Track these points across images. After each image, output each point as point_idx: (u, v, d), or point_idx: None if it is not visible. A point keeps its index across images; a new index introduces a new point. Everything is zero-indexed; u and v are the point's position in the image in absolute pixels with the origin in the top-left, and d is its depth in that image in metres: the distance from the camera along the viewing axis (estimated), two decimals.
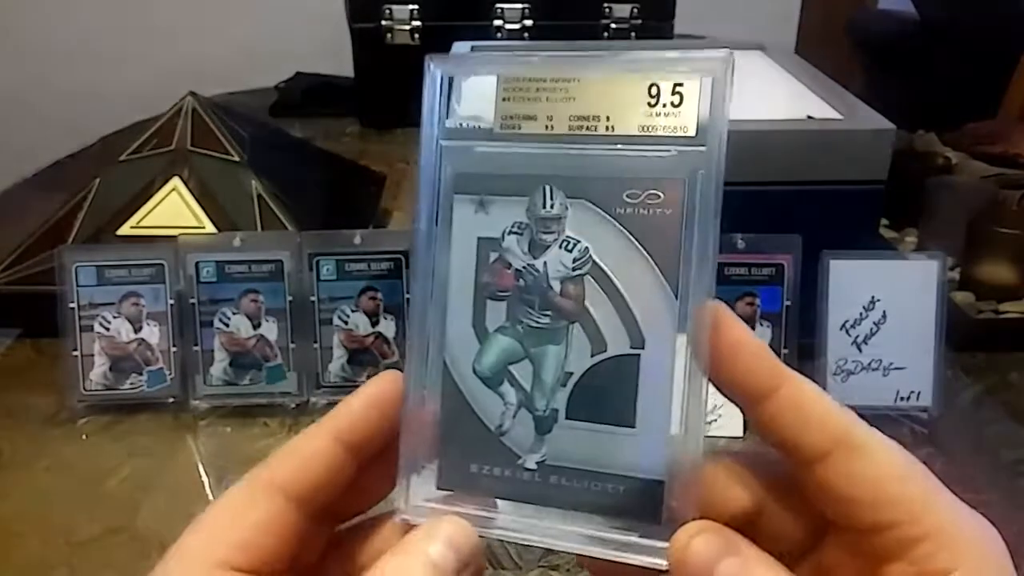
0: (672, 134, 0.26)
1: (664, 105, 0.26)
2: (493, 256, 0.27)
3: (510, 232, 0.27)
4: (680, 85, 0.25)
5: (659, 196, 0.25)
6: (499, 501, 0.27)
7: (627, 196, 0.26)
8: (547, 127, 0.27)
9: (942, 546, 0.23)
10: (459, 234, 0.27)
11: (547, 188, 0.26)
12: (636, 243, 0.26)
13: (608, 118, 0.26)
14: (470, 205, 0.27)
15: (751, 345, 0.25)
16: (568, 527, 0.26)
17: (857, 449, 0.24)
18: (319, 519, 0.28)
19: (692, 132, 0.25)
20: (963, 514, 0.24)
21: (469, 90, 0.27)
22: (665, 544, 0.25)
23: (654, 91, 0.26)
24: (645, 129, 0.26)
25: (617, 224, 0.26)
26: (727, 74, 0.25)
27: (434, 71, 0.28)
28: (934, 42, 1.41)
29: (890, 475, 0.24)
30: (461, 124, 0.27)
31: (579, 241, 0.26)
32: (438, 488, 0.27)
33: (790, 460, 0.25)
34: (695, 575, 0.24)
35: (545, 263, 0.26)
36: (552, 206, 0.26)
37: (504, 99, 0.27)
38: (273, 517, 0.26)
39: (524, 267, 0.27)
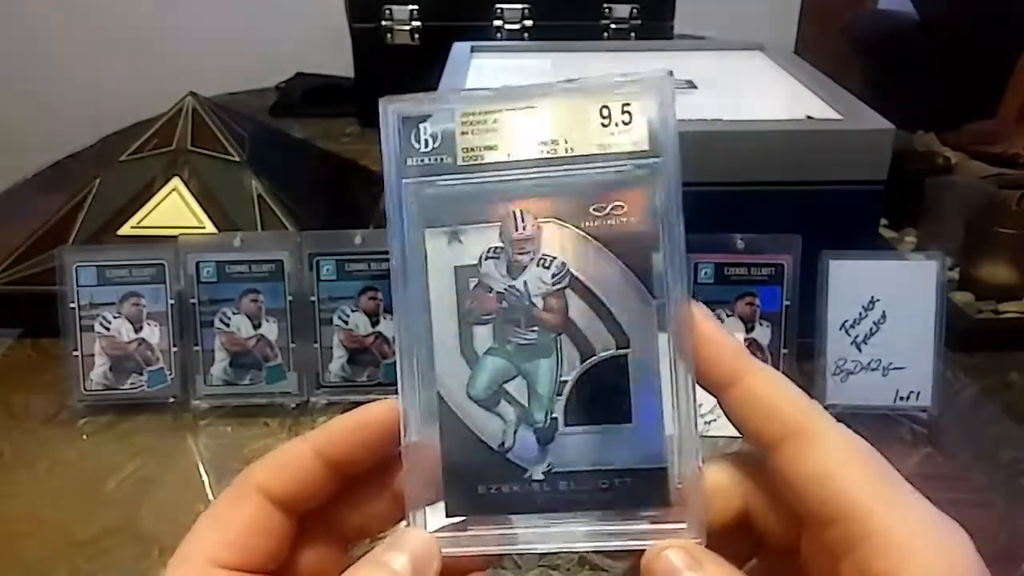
0: (627, 149, 0.27)
1: (616, 124, 0.27)
2: (472, 282, 0.28)
3: (487, 257, 0.28)
4: (628, 105, 0.27)
5: (623, 207, 0.27)
6: (512, 516, 0.28)
7: (593, 210, 0.27)
8: (509, 155, 0.28)
9: (886, 548, 0.23)
10: (435, 266, 0.28)
11: (517, 212, 0.28)
12: (608, 252, 0.27)
13: (566, 140, 0.28)
14: (443, 237, 0.28)
15: (716, 338, 0.27)
16: (583, 527, 0.27)
17: (807, 439, 0.25)
18: (317, 530, 0.29)
19: (645, 146, 0.27)
20: (921, 517, 0.23)
21: (427, 128, 0.28)
22: (680, 525, 0.26)
23: (605, 112, 0.27)
24: (602, 147, 0.27)
25: (588, 237, 0.27)
26: (669, 90, 0.27)
27: (389, 112, 0.28)
28: (934, 42, 1.41)
29: (836, 469, 0.24)
30: (423, 161, 0.28)
31: (555, 257, 0.28)
32: (447, 516, 0.28)
33: (756, 449, 0.26)
34: None
35: (525, 282, 0.28)
36: (524, 228, 0.28)
37: (463, 132, 0.28)
38: (255, 517, 0.27)
39: (505, 289, 0.28)
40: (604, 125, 0.27)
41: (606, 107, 0.27)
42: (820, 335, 0.64)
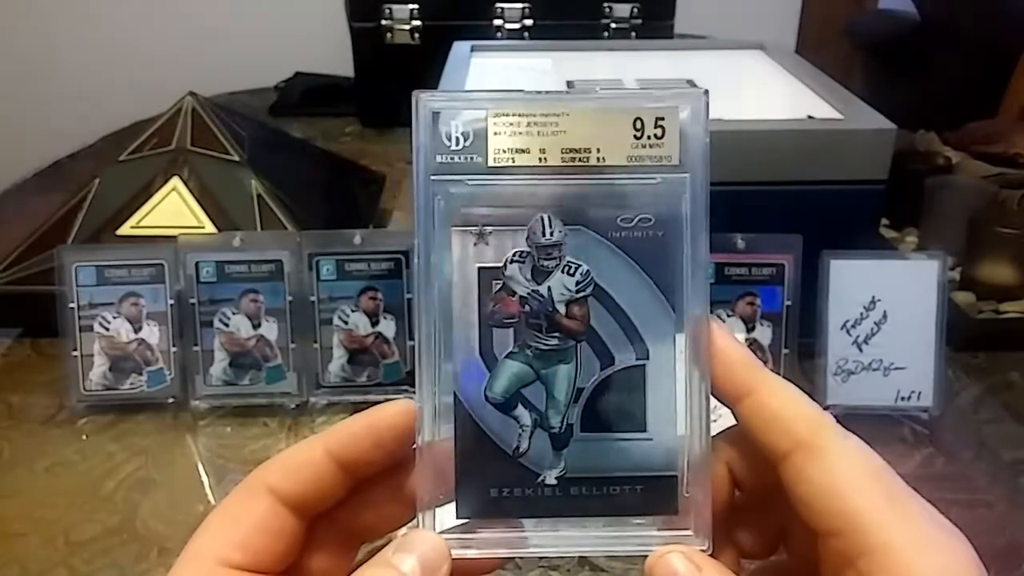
0: (658, 163, 0.28)
1: (649, 137, 0.28)
2: (496, 285, 0.28)
3: (512, 261, 0.28)
4: (662, 119, 0.28)
5: (650, 220, 0.28)
6: (523, 520, 0.28)
7: (621, 221, 0.28)
8: (540, 159, 0.28)
9: (883, 565, 0.23)
10: (460, 266, 0.28)
11: (546, 217, 0.28)
12: (633, 263, 0.28)
13: (599, 150, 0.28)
14: (469, 237, 0.28)
15: (730, 350, 0.27)
16: (593, 532, 0.28)
17: (813, 454, 0.25)
18: (327, 530, 0.29)
19: (676, 161, 0.28)
20: (920, 533, 0.24)
21: (459, 126, 0.28)
22: (686, 532, 0.27)
23: (639, 125, 0.28)
24: (633, 160, 0.28)
25: (614, 247, 0.28)
26: (703, 107, 0.28)
27: (422, 106, 0.28)
28: (934, 42, 1.41)
29: (839, 484, 0.24)
30: (453, 159, 0.28)
31: (580, 265, 0.28)
32: (458, 517, 0.28)
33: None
34: None
35: (549, 288, 0.28)
36: (552, 234, 0.28)
37: (495, 133, 0.28)
38: (265, 517, 0.27)
39: (529, 293, 0.28)
40: (637, 137, 0.28)
41: (640, 119, 0.28)
42: (821, 335, 0.64)
